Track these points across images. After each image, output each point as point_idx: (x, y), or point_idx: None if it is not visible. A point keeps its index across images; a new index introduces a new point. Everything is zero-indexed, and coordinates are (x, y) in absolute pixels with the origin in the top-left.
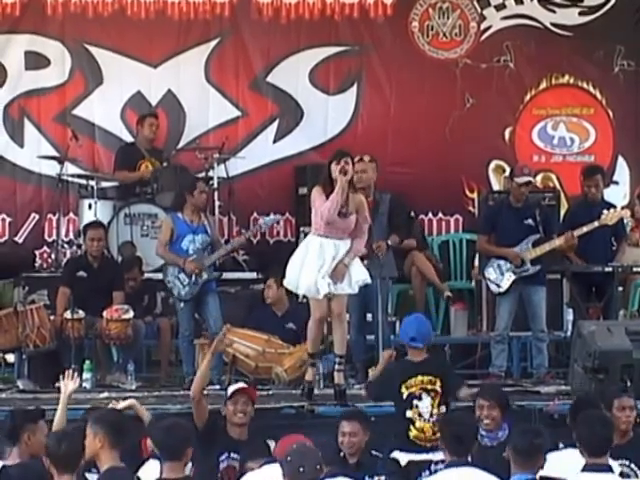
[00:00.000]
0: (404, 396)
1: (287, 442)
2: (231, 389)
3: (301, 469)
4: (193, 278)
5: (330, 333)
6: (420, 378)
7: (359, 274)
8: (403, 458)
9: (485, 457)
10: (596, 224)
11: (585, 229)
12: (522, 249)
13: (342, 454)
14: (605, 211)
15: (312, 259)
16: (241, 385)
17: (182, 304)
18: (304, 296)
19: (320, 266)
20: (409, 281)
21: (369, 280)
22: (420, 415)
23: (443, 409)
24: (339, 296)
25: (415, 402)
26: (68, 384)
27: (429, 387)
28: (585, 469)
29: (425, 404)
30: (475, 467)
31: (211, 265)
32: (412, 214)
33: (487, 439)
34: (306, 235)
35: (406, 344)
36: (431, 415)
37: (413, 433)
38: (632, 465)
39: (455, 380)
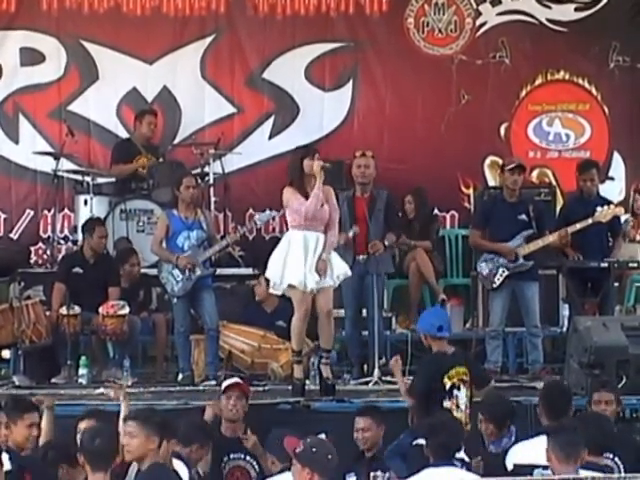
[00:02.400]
0: (447, 387)
1: (293, 441)
2: (224, 384)
3: (329, 456)
4: (187, 274)
5: None
6: (458, 369)
7: (340, 267)
8: None
9: (489, 463)
10: (590, 221)
11: (578, 226)
12: (515, 244)
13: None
14: (599, 208)
15: (297, 253)
16: (234, 380)
17: (176, 300)
18: (283, 293)
19: (306, 259)
20: (406, 276)
21: (349, 273)
22: (458, 406)
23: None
24: (325, 291)
25: (455, 392)
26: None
27: (465, 378)
28: (583, 467)
29: (462, 395)
30: (456, 467)
31: (206, 261)
32: (435, 212)
33: (492, 446)
34: None
35: (429, 335)
36: (466, 406)
37: None
38: (616, 459)
39: (485, 375)
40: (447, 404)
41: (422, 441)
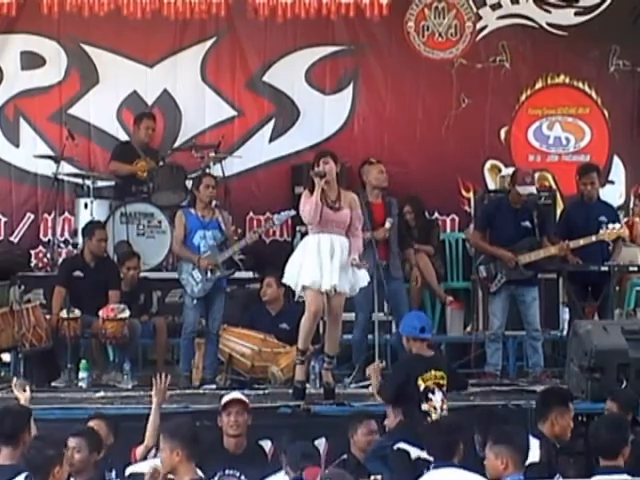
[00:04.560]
0: (420, 389)
1: (314, 471)
2: (224, 400)
3: None
4: (208, 274)
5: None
6: (434, 373)
7: (363, 279)
8: (413, 452)
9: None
10: (593, 239)
11: (582, 242)
12: (516, 252)
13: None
14: (604, 227)
15: (312, 255)
16: (234, 395)
17: (195, 301)
18: (300, 295)
19: (320, 260)
20: (407, 280)
21: (368, 279)
22: (435, 408)
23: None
24: (339, 296)
25: (430, 395)
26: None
27: (441, 382)
28: (599, 472)
29: (437, 398)
30: (458, 467)
31: (224, 262)
32: (434, 217)
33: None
34: (302, 235)
35: (411, 337)
36: (442, 409)
37: None
38: None
39: (462, 381)
40: (425, 407)
41: (404, 445)
